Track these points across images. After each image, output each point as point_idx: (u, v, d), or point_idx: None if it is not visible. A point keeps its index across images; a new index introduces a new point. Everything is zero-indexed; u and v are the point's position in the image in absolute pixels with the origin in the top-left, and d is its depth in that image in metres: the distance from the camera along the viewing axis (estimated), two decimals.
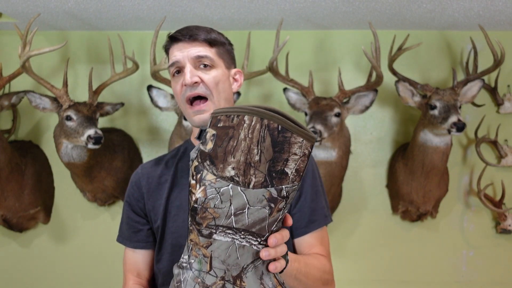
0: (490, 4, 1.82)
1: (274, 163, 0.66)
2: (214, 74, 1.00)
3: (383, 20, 2.05)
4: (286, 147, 0.66)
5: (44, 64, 2.23)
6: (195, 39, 0.99)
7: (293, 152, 0.66)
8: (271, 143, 0.66)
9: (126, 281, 1.06)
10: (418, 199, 2.10)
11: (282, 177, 0.67)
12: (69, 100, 1.92)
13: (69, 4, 1.86)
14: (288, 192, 0.68)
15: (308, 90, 2.00)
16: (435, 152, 1.97)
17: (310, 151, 0.69)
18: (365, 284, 2.26)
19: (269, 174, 0.67)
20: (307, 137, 0.67)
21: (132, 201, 1.08)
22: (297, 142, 0.66)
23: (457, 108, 1.89)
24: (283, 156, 0.66)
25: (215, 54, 1.01)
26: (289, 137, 0.66)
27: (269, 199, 0.68)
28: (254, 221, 0.69)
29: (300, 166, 0.68)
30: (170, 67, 1.01)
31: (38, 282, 2.30)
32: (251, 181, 0.67)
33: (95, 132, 1.83)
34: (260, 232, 0.70)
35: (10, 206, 2.08)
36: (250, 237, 0.70)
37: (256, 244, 0.71)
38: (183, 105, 1.02)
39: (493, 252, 2.23)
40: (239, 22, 2.08)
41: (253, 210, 0.68)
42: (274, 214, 0.69)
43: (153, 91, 2.01)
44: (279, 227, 0.72)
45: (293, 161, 0.67)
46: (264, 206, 0.68)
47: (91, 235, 2.28)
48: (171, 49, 1.02)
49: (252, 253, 0.72)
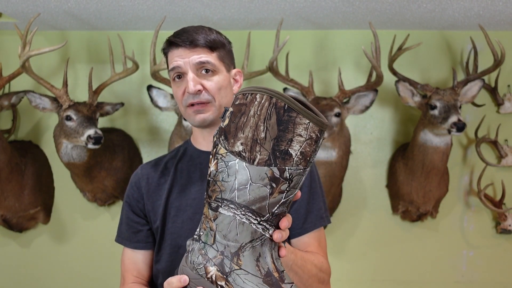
0: (490, 4, 1.82)
1: (279, 142, 0.67)
2: (216, 80, 1.00)
3: (383, 20, 2.05)
4: (290, 127, 0.66)
5: (44, 64, 2.23)
6: (196, 45, 0.98)
7: (297, 133, 0.66)
8: (276, 121, 0.66)
9: (125, 281, 1.06)
10: (418, 199, 2.10)
11: (285, 157, 0.67)
12: (69, 100, 1.92)
13: (69, 4, 1.86)
14: (291, 175, 0.68)
15: (308, 90, 2.00)
16: (435, 152, 1.97)
17: (319, 136, 0.68)
18: (365, 284, 2.26)
19: (273, 152, 0.67)
20: (314, 120, 0.66)
21: (131, 201, 1.08)
22: (303, 123, 0.66)
23: (457, 108, 1.89)
24: (287, 135, 0.66)
25: (216, 59, 1.01)
26: (294, 117, 0.66)
27: (270, 178, 0.68)
28: (255, 198, 0.69)
29: (306, 149, 0.67)
30: (170, 72, 1.01)
31: (38, 282, 2.30)
32: (256, 157, 0.68)
33: (95, 132, 1.83)
34: (260, 211, 0.70)
35: (10, 206, 2.08)
36: (250, 214, 0.71)
37: (256, 224, 0.71)
38: (183, 108, 1.02)
39: (493, 252, 2.23)
40: (239, 22, 2.08)
41: (254, 186, 0.69)
42: (275, 195, 0.69)
43: (153, 91, 2.01)
44: (282, 211, 0.72)
45: (297, 143, 0.67)
46: (266, 184, 0.69)
47: (91, 235, 2.28)
48: (171, 53, 1.01)
49: (251, 232, 0.72)
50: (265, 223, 0.72)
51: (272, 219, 0.72)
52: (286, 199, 0.71)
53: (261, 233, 0.72)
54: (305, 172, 0.70)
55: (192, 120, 1.01)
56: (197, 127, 1.04)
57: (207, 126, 1.03)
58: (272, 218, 0.72)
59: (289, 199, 0.71)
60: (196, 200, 1.01)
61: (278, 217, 0.72)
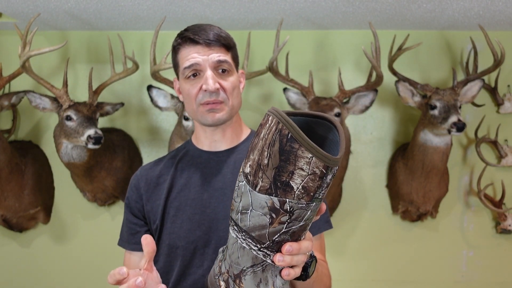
0: (490, 4, 1.82)
1: (280, 172, 0.62)
2: (232, 80, 1.01)
3: (383, 20, 2.05)
4: (292, 159, 0.61)
5: (44, 64, 2.23)
6: (214, 43, 0.98)
7: (299, 166, 0.61)
8: (279, 150, 0.62)
9: None
10: (418, 199, 2.10)
11: (286, 189, 0.63)
12: (69, 100, 1.92)
13: (69, 4, 1.86)
14: (292, 208, 0.64)
15: (308, 90, 2.00)
16: (435, 152, 1.97)
17: (325, 172, 0.62)
18: (365, 284, 2.26)
19: (274, 182, 0.63)
20: (318, 155, 0.60)
21: (131, 203, 1.08)
22: (305, 157, 0.60)
23: (457, 108, 1.89)
24: (289, 167, 0.62)
25: (231, 59, 1.02)
26: (296, 148, 0.61)
27: (270, 208, 0.65)
28: (254, 225, 0.67)
29: (309, 184, 0.62)
30: (186, 69, 0.99)
31: (38, 282, 2.30)
32: (258, 183, 0.65)
33: (95, 132, 1.83)
34: (259, 238, 0.68)
35: (10, 206, 2.08)
36: (249, 240, 0.69)
37: (256, 250, 0.69)
38: (195, 106, 1.00)
39: (493, 252, 2.23)
40: (239, 22, 2.08)
41: (254, 213, 0.66)
42: (275, 225, 0.66)
43: (153, 91, 2.01)
44: (284, 239, 0.69)
45: (299, 176, 0.62)
46: (265, 213, 0.65)
47: (91, 235, 2.28)
48: (185, 49, 1.00)
49: (252, 257, 0.70)
50: (266, 249, 0.69)
51: (273, 246, 0.69)
52: (288, 229, 0.67)
53: (262, 259, 0.70)
54: (310, 207, 0.65)
55: (205, 119, 1.00)
56: (209, 126, 1.03)
57: (219, 125, 1.03)
58: (273, 245, 0.69)
59: (292, 230, 0.67)
60: (196, 200, 1.01)
61: (280, 244, 0.69)
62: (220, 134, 1.05)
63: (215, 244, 0.98)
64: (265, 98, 2.25)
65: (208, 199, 1.01)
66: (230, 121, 1.05)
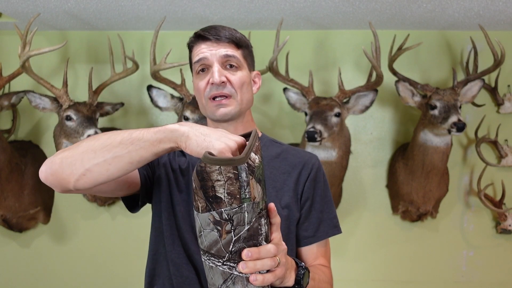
0: (490, 4, 1.82)
1: (205, 190, 0.70)
2: (240, 75, 1.02)
3: (383, 20, 2.05)
4: (206, 176, 0.69)
5: (44, 64, 2.23)
6: (223, 40, 1.00)
7: (214, 178, 0.69)
8: (196, 173, 0.70)
9: None
10: (418, 199, 2.10)
11: (217, 201, 0.70)
12: (69, 100, 1.92)
13: (69, 4, 1.86)
14: (229, 215, 0.70)
15: (308, 90, 2.00)
16: (435, 152, 1.97)
17: (237, 173, 0.69)
18: (365, 284, 2.26)
19: (207, 199, 0.70)
20: (223, 163, 0.68)
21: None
22: (214, 170, 0.68)
23: (457, 108, 1.89)
24: (208, 183, 0.69)
25: (241, 56, 1.04)
26: (203, 166, 0.68)
27: (214, 222, 0.71)
28: (210, 243, 0.72)
29: (231, 189, 0.69)
30: (195, 63, 1.02)
31: (38, 282, 2.30)
32: (198, 206, 0.72)
33: (95, 132, 1.83)
34: (218, 253, 0.72)
35: (10, 206, 2.08)
36: (213, 258, 0.73)
37: (220, 265, 0.73)
38: (204, 101, 1.02)
39: (493, 252, 2.23)
40: (239, 22, 2.08)
41: (206, 232, 0.72)
42: (225, 236, 0.71)
43: (153, 91, 2.01)
44: (241, 247, 0.72)
45: (219, 186, 0.69)
46: (212, 229, 0.71)
47: (91, 235, 2.28)
48: (197, 46, 1.03)
49: (220, 273, 0.74)
50: (229, 262, 0.73)
51: (234, 257, 0.73)
52: (238, 236, 0.71)
53: (229, 272, 0.73)
54: (243, 209, 0.71)
55: (213, 113, 1.01)
56: (218, 121, 1.03)
57: (227, 121, 1.02)
58: (233, 256, 0.72)
59: (241, 236, 0.72)
60: None
61: (239, 253, 0.73)
62: (232, 132, 1.04)
63: None
64: (265, 98, 2.25)
65: None
66: (242, 118, 1.05)
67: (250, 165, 0.71)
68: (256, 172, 0.72)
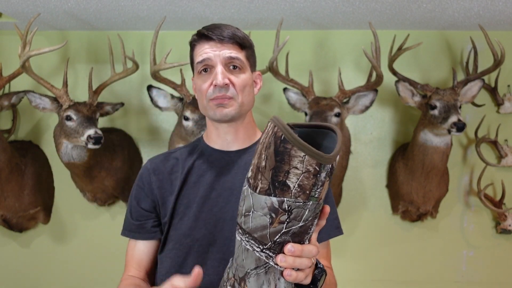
0: (490, 4, 1.82)
1: (276, 173, 0.65)
2: (243, 77, 1.01)
3: (383, 20, 2.05)
4: (286, 159, 0.64)
5: (44, 64, 2.23)
6: (227, 40, 0.99)
7: (293, 165, 0.64)
8: (274, 151, 0.65)
9: (124, 273, 1.06)
10: (418, 199, 2.10)
11: (284, 188, 0.66)
12: (69, 100, 1.92)
13: (69, 4, 1.86)
14: (290, 207, 0.66)
15: (308, 90, 2.00)
16: (435, 152, 1.97)
17: (318, 170, 0.64)
18: (365, 284, 2.26)
19: (272, 182, 0.66)
20: (311, 153, 0.63)
21: (140, 194, 1.07)
22: (298, 156, 0.64)
23: (457, 108, 1.90)
24: (284, 167, 0.65)
25: (245, 57, 1.02)
26: (289, 148, 0.64)
27: (270, 208, 0.67)
28: (256, 226, 0.69)
29: (304, 182, 0.65)
30: (198, 64, 1.01)
31: (38, 282, 2.30)
32: (258, 185, 0.68)
33: (95, 132, 1.83)
34: (261, 239, 0.70)
35: (10, 206, 2.08)
36: (252, 242, 0.71)
37: (259, 251, 0.71)
38: (205, 102, 1.01)
39: (493, 252, 2.23)
40: (239, 22, 2.08)
41: (256, 215, 0.69)
42: (275, 225, 0.68)
43: (153, 91, 2.01)
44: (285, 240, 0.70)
45: (294, 175, 0.65)
46: (265, 213, 0.68)
47: (91, 235, 2.28)
48: (200, 46, 1.01)
49: (255, 259, 0.72)
50: (268, 251, 0.71)
51: (275, 247, 0.70)
52: (288, 229, 0.69)
53: (264, 260, 0.71)
54: (307, 206, 0.67)
55: (213, 114, 1.01)
56: (217, 121, 1.03)
57: (227, 121, 1.02)
58: (275, 247, 0.70)
59: (292, 230, 0.69)
60: (204, 198, 1.01)
61: (282, 246, 0.71)
62: (232, 134, 1.05)
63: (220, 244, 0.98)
64: (265, 98, 2.25)
65: (216, 198, 1.01)
66: (242, 120, 1.05)
67: (332, 166, 0.66)
68: (333, 174, 0.69)
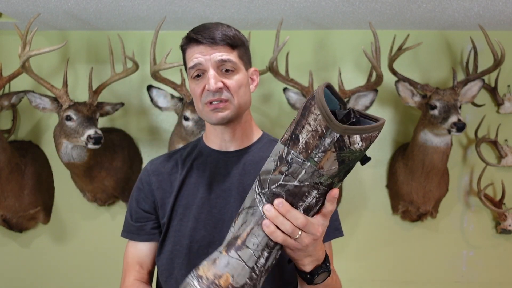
0: (490, 4, 1.82)
1: (296, 125, 0.69)
2: (237, 78, 0.99)
3: (383, 20, 2.05)
4: (306, 114, 0.68)
5: (44, 64, 2.23)
6: (217, 42, 0.97)
7: (308, 121, 0.67)
8: (303, 106, 0.69)
9: (125, 277, 1.05)
10: (418, 199, 2.10)
11: (296, 142, 0.69)
12: (69, 100, 1.92)
13: (69, 4, 1.86)
14: (292, 160, 0.69)
15: (308, 90, 2.00)
16: (435, 152, 1.97)
17: (324, 132, 0.65)
18: (365, 284, 2.26)
19: (291, 134, 0.70)
20: (324, 114, 0.65)
21: (140, 195, 1.07)
22: (314, 113, 0.66)
23: (457, 108, 1.90)
24: (303, 121, 0.68)
25: (237, 57, 1.00)
26: (311, 105, 0.67)
27: (279, 156, 0.71)
28: (265, 169, 0.74)
29: (310, 141, 0.67)
30: (190, 69, 1.00)
31: (38, 282, 2.30)
32: (283, 135, 0.72)
33: (95, 132, 1.83)
34: (263, 182, 0.74)
35: (10, 206, 2.08)
36: (257, 182, 0.75)
37: (257, 192, 0.75)
38: (200, 106, 1.00)
39: (493, 252, 2.23)
40: (239, 22, 2.08)
41: (269, 159, 0.74)
42: (276, 173, 0.71)
43: (153, 91, 2.01)
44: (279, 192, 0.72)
45: (306, 131, 0.67)
46: (274, 160, 0.72)
47: (91, 235, 2.28)
48: (190, 50, 1.00)
49: (252, 199, 0.76)
50: (263, 196, 0.74)
51: (269, 196, 0.73)
52: (285, 183, 0.71)
53: (257, 203, 0.75)
54: (305, 165, 0.68)
55: (210, 118, 1.00)
56: (215, 125, 1.02)
57: (225, 124, 1.02)
58: (269, 195, 0.73)
59: (287, 186, 0.71)
60: (203, 199, 1.01)
61: (275, 197, 0.73)
62: (229, 134, 1.04)
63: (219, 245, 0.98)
64: (265, 98, 2.25)
65: (215, 199, 1.01)
66: (239, 120, 1.04)
67: (342, 141, 0.65)
68: (343, 152, 0.66)
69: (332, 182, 0.70)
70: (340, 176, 0.70)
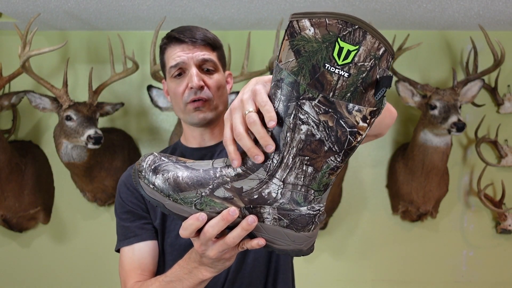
0: (490, 4, 1.82)
1: None
2: (217, 78, 1.01)
3: (383, 20, 2.05)
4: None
5: (44, 64, 2.23)
6: (199, 42, 0.99)
7: None
8: None
9: (126, 282, 0.99)
10: (418, 199, 2.10)
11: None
12: (69, 100, 1.92)
13: (69, 4, 1.86)
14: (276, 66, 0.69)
15: None
16: (435, 152, 1.97)
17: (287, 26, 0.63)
18: (365, 284, 2.26)
19: None
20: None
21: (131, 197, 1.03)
22: None
23: (457, 108, 1.90)
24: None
25: (217, 58, 1.02)
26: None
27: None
28: None
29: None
30: (172, 68, 1.00)
31: (38, 282, 2.30)
32: None
33: (95, 132, 1.83)
34: None
35: (10, 206, 2.08)
36: None
37: None
38: (182, 105, 1.01)
39: (493, 252, 2.23)
40: (239, 22, 2.08)
41: None
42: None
43: (153, 91, 2.01)
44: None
45: None
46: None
47: (91, 235, 2.28)
48: (171, 49, 1.01)
49: None
50: None
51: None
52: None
53: None
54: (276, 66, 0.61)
55: (192, 118, 1.00)
56: (196, 125, 1.03)
57: (204, 125, 1.02)
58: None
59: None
60: None
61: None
62: (209, 134, 1.06)
63: None
64: None
65: None
66: (217, 122, 1.05)
67: (292, 26, 0.58)
68: (295, 39, 0.58)
69: (296, 81, 0.57)
70: (305, 75, 0.57)
